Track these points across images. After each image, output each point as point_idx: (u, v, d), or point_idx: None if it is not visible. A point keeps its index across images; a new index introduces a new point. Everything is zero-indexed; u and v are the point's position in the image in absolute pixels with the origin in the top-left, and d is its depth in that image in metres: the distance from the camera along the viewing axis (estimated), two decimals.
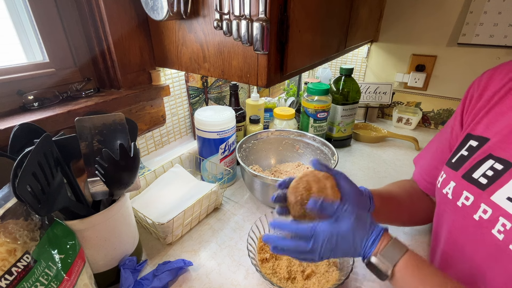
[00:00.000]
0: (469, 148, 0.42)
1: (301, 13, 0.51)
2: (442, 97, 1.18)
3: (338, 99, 0.97)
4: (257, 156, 0.84)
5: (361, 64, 1.31)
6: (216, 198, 0.70)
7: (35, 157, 0.34)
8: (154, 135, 0.78)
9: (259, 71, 0.51)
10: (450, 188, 0.43)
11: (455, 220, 0.43)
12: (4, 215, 0.33)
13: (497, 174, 0.37)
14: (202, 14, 0.54)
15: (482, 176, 0.39)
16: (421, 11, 1.08)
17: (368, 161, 0.97)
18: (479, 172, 0.39)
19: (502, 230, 0.35)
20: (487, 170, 0.38)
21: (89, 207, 0.47)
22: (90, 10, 0.57)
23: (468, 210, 0.40)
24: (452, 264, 0.45)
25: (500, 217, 0.35)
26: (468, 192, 0.40)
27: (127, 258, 0.51)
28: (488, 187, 0.38)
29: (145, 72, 0.68)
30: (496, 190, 0.37)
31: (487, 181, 0.38)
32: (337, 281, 0.49)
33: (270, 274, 0.52)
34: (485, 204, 0.37)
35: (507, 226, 0.35)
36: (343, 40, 0.78)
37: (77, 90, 0.60)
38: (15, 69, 0.53)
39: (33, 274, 0.34)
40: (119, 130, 0.46)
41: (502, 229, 0.35)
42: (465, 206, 0.40)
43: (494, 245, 0.36)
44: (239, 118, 0.86)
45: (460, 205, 0.41)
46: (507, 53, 1.00)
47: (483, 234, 0.38)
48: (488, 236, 0.37)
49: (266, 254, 0.55)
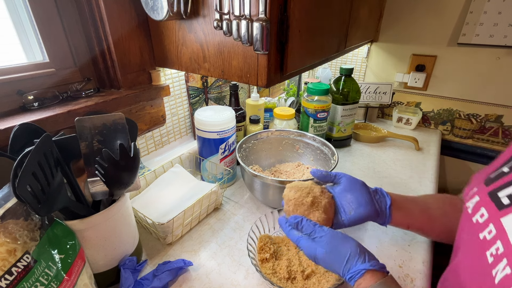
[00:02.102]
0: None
1: (301, 13, 0.51)
2: (442, 97, 1.18)
3: (338, 99, 0.97)
4: (257, 156, 0.84)
5: (361, 64, 1.31)
6: (216, 198, 0.70)
7: (35, 157, 0.34)
8: (154, 135, 0.78)
9: (259, 71, 0.51)
10: (472, 202, 0.40)
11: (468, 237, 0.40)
12: (4, 215, 0.33)
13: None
14: (202, 14, 0.54)
15: (506, 196, 0.35)
16: (421, 11, 1.08)
17: (368, 161, 0.97)
18: (506, 191, 0.36)
19: (494, 253, 0.33)
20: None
21: (89, 207, 0.47)
22: (90, 10, 0.57)
23: (477, 228, 0.37)
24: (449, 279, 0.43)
25: (498, 240, 0.33)
26: (485, 209, 0.37)
27: (127, 258, 0.51)
28: (505, 209, 0.34)
29: (145, 72, 0.68)
30: (510, 212, 0.33)
31: (509, 202, 0.34)
32: (337, 281, 0.49)
33: (270, 274, 0.52)
34: (493, 225, 0.35)
35: (499, 251, 0.32)
36: (343, 40, 0.78)
37: (77, 90, 0.60)
38: (15, 69, 0.53)
39: (33, 274, 0.34)
40: (119, 130, 0.46)
41: (494, 253, 0.33)
42: (478, 224, 0.37)
43: (483, 267, 0.34)
44: (239, 118, 0.86)
45: (474, 222, 0.38)
46: (507, 53, 1.00)
47: (480, 255, 0.35)
48: (483, 257, 0.34)
49: (266, 254, 0.55)
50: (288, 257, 0.56)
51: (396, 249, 0.61)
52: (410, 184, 0.84)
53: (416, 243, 0.63)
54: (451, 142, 1.23)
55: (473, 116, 1.15)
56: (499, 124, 1.12)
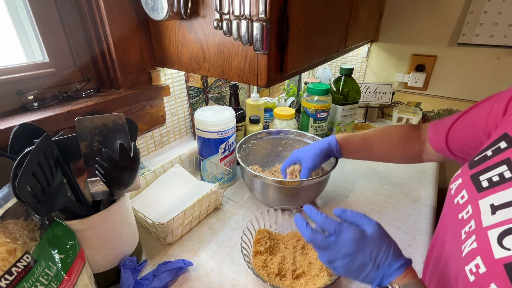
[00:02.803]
0: (496, 150, 0.38)
1: (301, 13, 0.51)
2: (442, 97, 1.18)
3: (338, 99, 0.97)
4: (257, 156, 0.84)
5: (361, 64, 1.31)
6: (216, 198, 0.70)
7: (35, 157, 0.34)
8: (154, 135, 0.78)
9: (259, 71, 0.51)
10: (456, 184, 0.42)
11: (447, 216, 0.43)
12: (4, 215, 0.33)
13: (500, 181, 0.35)
14: (202, 14, 0.54)
15: (487, 179, 0.36)
16: (421, 11, 1.08)
17: (368, 161, 0.97)
18: (487, 175, 0.37)
19: (467, 231, 0.35)
20: (495, 176, 0.36)
21: (89, 207, 0.47)
22: (90, 10, 0.57)
23: (457, 208, 0.39)
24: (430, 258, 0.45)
25: (472, 220, 0.35)
26: (466, 191, 0.39)
27: (127, 258, 0.51)
28: (484, 191, 0.36)
29: (145, 72, 0.68)
30: (488, 195, 0.35)
31: (488, 185, 0.36)
32: (323, 285, 0.49)
33: (260, 266, 0.53)
34: (471, 205, 0.36)
35: (472, 228, 0.34)
36: (343, 40, 0.78)
37: (77, 90, 0.60)
38: (15, 69, 0.53)
39: (33, 274, 0.34)
40: (119, 130, 0.46)
41: (467, 230, 0.35)
42: (458, 204, 0.39)
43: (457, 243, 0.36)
44: (239, 118, 0.86)
45: (455, 203, 0.40)
46: (507, 53, 1.00)
47: (457, 233, 0.37)
48: (458, 235, 0.36)
49: (261, 247, 0.56)
50: (283, 254, 0.56)
51: None
52: (410, 184, 0.84)
53: (416, 243, 0.63)
54: None
55: None
56: None
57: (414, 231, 0.66)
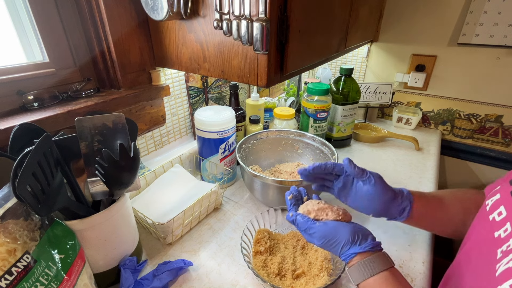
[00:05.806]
0: None
1: (301, 13, 0.51)
2: (442, 97, 1.18)
3: (338, 99, 0.97)
4: (257, 156, 0.84)
5: (361, 64, 1.31)
6: (216, 198, 0.70)
7: (35, 157, 0.34)
8: (154, 135, 0.78)
9: (259, 71, 0.51)
10: (492, 200, 0.39)
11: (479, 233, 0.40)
12: (4, 215, 0.33)
13: None
14: (202, 14, 0.54)
15: None
16: (421, 11, 1.08)
17: (368, 161, 0.97)
18: None
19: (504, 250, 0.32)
20: None
21: (89, 207, 0.47)
22: (90, 10, 0.57)
23: (493, 226, 0.36)
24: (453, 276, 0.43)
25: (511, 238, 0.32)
26: (504, 208, 0.36)
27: (127, 258, 0.51)
28: None
29: (145, 72, 0.68)
30: None
31: None
32: (323, 285, 0.49)
33: (260, 266, 0.53)
34: (510, 223, 0.34)
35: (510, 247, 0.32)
36: (343, 40, 0.78)
37: (77, 90, 0.60)
38: (15, 69, 0.53)
39: (33, 274, 0.34)
40: (119, 130, 0.46)
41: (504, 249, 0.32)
42: (494, 222, 0.36)
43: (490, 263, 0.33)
44: (239, 118, 0.86)
45: (490, 219, 0.38)
46: (507, 53, 1.00)
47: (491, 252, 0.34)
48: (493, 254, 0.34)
49: (261, 247, 0.56)
50: (283, 254, 0.56)
51: (396, 249, 0.61)
52: (410, 184, 0.84)
53: (416, 243, 0.63)
54: (451, 142, 1.23)
55: (473, 116, 1.15)
56: (499, 124, 1.12)
57: (414, 231, 0.66)
